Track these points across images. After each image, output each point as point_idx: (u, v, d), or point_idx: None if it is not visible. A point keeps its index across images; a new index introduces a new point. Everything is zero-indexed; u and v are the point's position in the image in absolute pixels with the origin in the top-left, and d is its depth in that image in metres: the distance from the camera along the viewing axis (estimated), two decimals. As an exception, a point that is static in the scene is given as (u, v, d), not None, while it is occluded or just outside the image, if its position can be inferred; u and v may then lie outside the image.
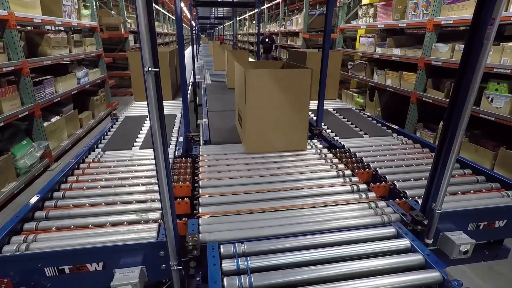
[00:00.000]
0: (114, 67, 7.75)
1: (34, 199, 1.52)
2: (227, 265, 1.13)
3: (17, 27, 3.24)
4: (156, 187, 1.70)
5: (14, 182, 3.10)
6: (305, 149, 2.19)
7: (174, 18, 13.46)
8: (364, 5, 5.34)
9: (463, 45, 3.39)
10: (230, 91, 4.23)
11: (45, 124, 3.77)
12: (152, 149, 1.03)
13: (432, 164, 1.33)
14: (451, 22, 3.45)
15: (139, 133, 2.60)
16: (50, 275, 1.19)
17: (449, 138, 1.20)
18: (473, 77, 1.08)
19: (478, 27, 1.05)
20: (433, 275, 1.09)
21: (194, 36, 8.27)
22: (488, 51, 1.02)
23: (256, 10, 6.38)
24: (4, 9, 3.04)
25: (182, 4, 2.39)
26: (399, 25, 4.35)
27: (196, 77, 4.86)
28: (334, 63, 3.67)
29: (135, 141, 2.43)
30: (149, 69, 0.88)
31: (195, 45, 6.48)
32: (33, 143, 3.50)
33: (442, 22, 3.57)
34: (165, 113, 1.05)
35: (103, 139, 2.50)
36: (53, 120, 4.06)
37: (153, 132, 0.99)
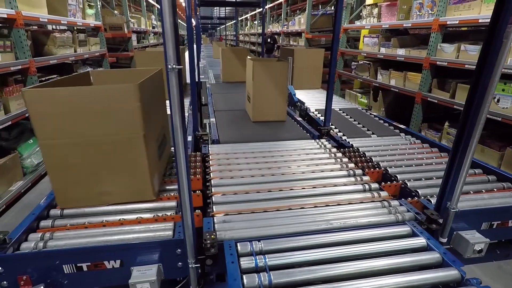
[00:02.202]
0: (118, 67, 7.76)
1: (49, 197, 1.52)
2: (245, 262, 1.14)
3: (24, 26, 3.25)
4: (168, 186, 1.71)
5: (21, 181, 3.10)
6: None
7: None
8: (368, 5, 5.35)
9: (469, 45, 3.40)
10: (236, 91, 4.24)
11: (51, 123, 3.78)
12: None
13: (448, 162, 1.34)
14: (457, 22, 3.46)
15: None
16: (68, 272, 1.20)
17: (466, 135, 1.21)
18: (492, 75, 1.09)
19: (497, 26, 1.06)
20: (451, 273, 1.10)
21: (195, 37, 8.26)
22: (507, 50, 1.03)
23: (259, 10, 6.41)
24: (11, 8, 3.05)
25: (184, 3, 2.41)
26: (404, 25, 4.36)
27: (200, 76, 4.87)
28: (318, 58, 4.63)
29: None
30: (173, 66, 0.89)
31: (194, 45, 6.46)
32: (39, 142, 3.50)
33: (448, 22, 3.58)
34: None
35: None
36: (58, 119, 4.07)
37: (174, 130, 1.00)
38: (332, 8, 7.99)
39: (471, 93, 1.20)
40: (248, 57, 3.07)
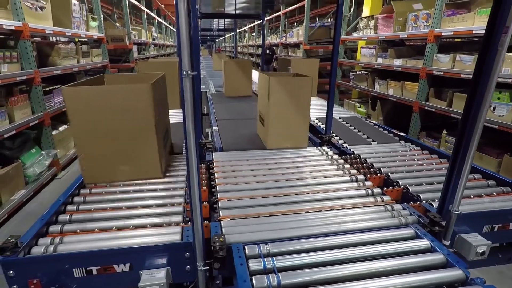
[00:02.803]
0: (118, 78, 7.83)
1: (56, 203, 1.54)
2: (254, 264, 1.16)
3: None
4: (175, 192, 1.73)
5: (23, 190, 3.11)
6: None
7: (175, 29, 13.67)
8: (365, 17, 5.50)
9: (464, 56, 3.50)
10: (236, 101, 4.31)
11: (53, 132, 3.81)
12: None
13: (449, 166, 1.38)
14: (452, 33, 3.57)
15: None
16: (78, 275, 1.21)
17: (466, 136, 1.25)
18: (488, 82, 1.14)
19: (492, 35, 1.12)
20: (455, 273, 1.12)
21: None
22: (502, 58, 1.09)
23: (258, 22, 6.57)
24: (19, 20, 3.12)
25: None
26: (400, 36, 4.48)
27: (201, 86, 4.94)
28: (313, 68, 4.74)
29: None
30: (188, 72, 0.93)
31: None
32: (42, 151, 3.52)
33: (443, 34, 3.69)
34: (175, 121, 1.09)
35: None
36: (61, 129, 4.10)
37: (187, 135, 1.04)
38: (329, 20, 8.20)
39: (469, 99, 1.26)
40: (261, 72, 2.60)
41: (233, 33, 11.56)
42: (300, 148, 2.41)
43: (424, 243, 1.29)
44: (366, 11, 5.92)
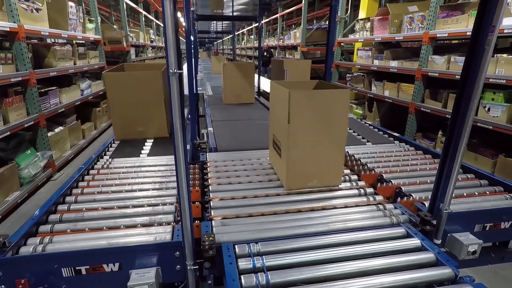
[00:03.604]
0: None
1: (47, 203, 1.54)
2: (243, 263, 1.15)
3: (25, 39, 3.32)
4: (166, 192, 1.73)
5: (17, 191, 3.09)
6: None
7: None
8: (361, 19, 5.53)
9: (459, 57, 3.51)
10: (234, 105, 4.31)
11: (49, 134, 3.80)
12: (160, 156, 1.06)
13: (439, 165, 1.38)
14: (446, 35, 3.59)
15: (146, 141, 2.63)
16: (66, 275, 1.20)
17: (456, 135, 1.26)
18: (476, 81, 1.15)
19: (479, 35, 1.13)
20: (445, 271, 1.12)
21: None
22: (489, 57, 1.10)
23: (256, 24, 6.60)
24: (14, 22, 3.13)
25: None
26: (396, 38, 4.50)
27: (198, 88, 4.95)
28: (305, 68, 4.90)
29: (142, 149, 2.46)
30: (175, 71, 0.94)
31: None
32: (37, 152, 3.51)
33: (438, 35, 3.71)
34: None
35: (111, 147, 2.54)
36: (56, 130, 4.09)
37: (175, 133, 1.04)
38: (327, 22, 8.23)
39: (458, 98, 1.26)
40: (273, 82, 1.86)
41: (231, 35, 11.61)
42: (333, 188, 1.75)
43: (415, 242, 1.29)
44: (362, 14, 5.95)
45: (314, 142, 1.63)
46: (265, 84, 5.62)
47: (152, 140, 2.65)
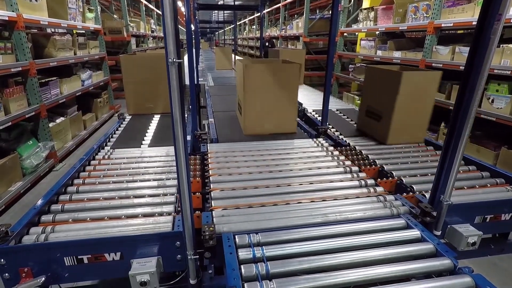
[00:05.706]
0: (117, 70, 7.80)
1: (49, 193, 1.55)
2: (243, 253, 1.16)
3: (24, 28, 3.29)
4: (167, 182, 1.73)
5: (20, 181, 3.12)
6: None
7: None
8: (365, 9, 5.43)
9: (464, 47, 3.46)
10: (234, 92, 4.27)
11: (50, 124, 3.80)
12: (161, 147, 1.06)
13: (440, 156, 1.37)
14: (452, 25, 3.53)
15: (147, 132, 2.63)
16: (69, 264, 1.22)
17: (458, 126, 1.24)
18: (481, 72, 1.13)
19: (485, 23, 1.10)
20: (444, 262, 1.13)
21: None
22: (495, 46, 1.07)
23: (258, 14, 6.51)
24: (13, 11, 3.09)
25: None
26: (400, 28, 4.43)
27: (199, 79, 4.91)
28: (300, 57, 4.97)
29: (143, 140, 2.46)
30: (174, 60, 0.92)
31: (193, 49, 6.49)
32: (39, 143, 3.52)
33: (443, 25, 3.65)
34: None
35: (112, 137, 2.54)
36: (58, 121, 4.09)
37: (174, 123, 1.03)
38: (329, 12, 8.10)
39: (462, 88, 1.24)
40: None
41: (233, 25, 11.45)
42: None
43: (415, 233, 1.29)
44: (366, 3, 5.85)
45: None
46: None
47: (153, 130, 2.65)
